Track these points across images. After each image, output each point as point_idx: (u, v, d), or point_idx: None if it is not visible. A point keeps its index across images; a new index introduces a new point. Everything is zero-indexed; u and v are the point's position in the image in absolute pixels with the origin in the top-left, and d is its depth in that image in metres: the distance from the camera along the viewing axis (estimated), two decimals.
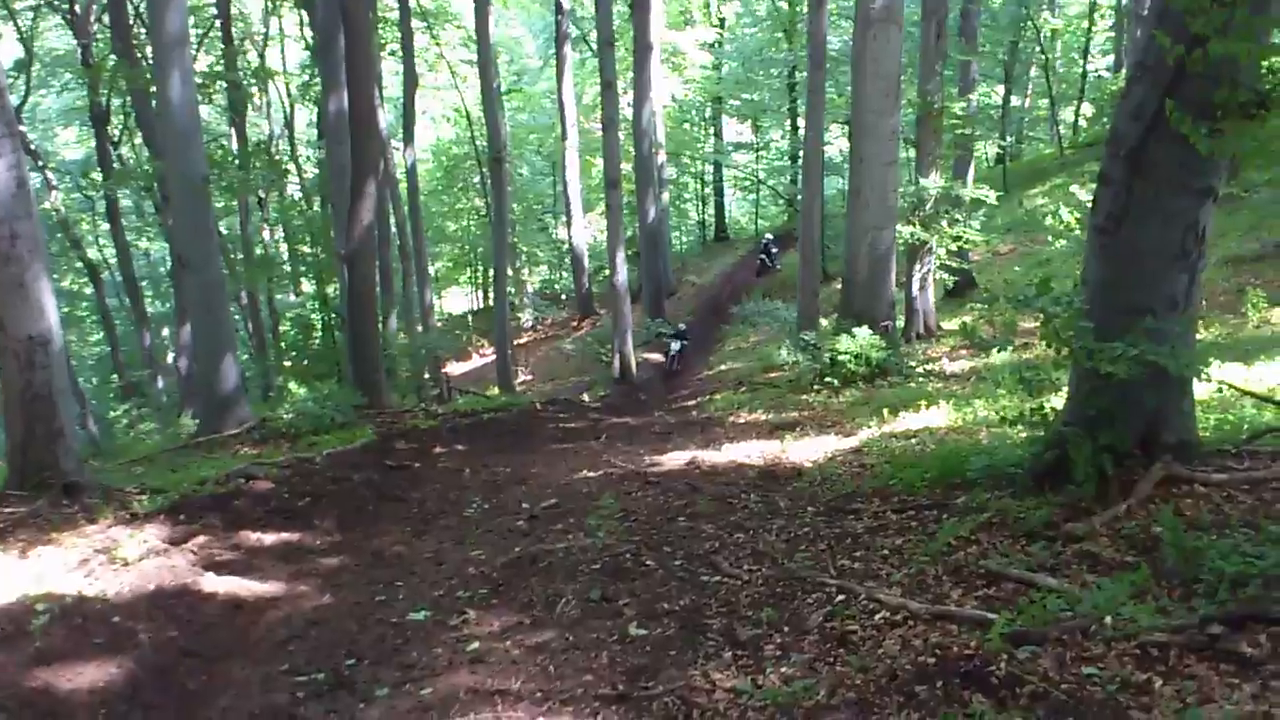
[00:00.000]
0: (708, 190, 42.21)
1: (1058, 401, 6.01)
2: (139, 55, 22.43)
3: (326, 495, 9.00)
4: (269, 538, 7.73)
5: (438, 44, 31.92)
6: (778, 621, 4.73)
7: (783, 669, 4.23)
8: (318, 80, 23.37)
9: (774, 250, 30.94)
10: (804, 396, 13.29)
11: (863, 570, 5.25)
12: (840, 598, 4.87)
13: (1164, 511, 4.84)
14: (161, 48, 14.35)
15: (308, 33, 28.08)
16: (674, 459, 9.51)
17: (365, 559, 7.19)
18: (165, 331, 34.55)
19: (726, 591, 5.25)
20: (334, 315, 25.14)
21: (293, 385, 16.82)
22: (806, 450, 8.90)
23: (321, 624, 5.68)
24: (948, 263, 19.18)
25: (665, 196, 31.52)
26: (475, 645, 4.97)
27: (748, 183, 40.30)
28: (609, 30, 21.15)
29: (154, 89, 16.31)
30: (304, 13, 27.21)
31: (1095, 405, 5.39)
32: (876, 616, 4.59)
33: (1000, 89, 31.97)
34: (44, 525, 8.20)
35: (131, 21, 23.28)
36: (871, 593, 4.83)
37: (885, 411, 10.05)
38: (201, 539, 7.58)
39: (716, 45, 37.06)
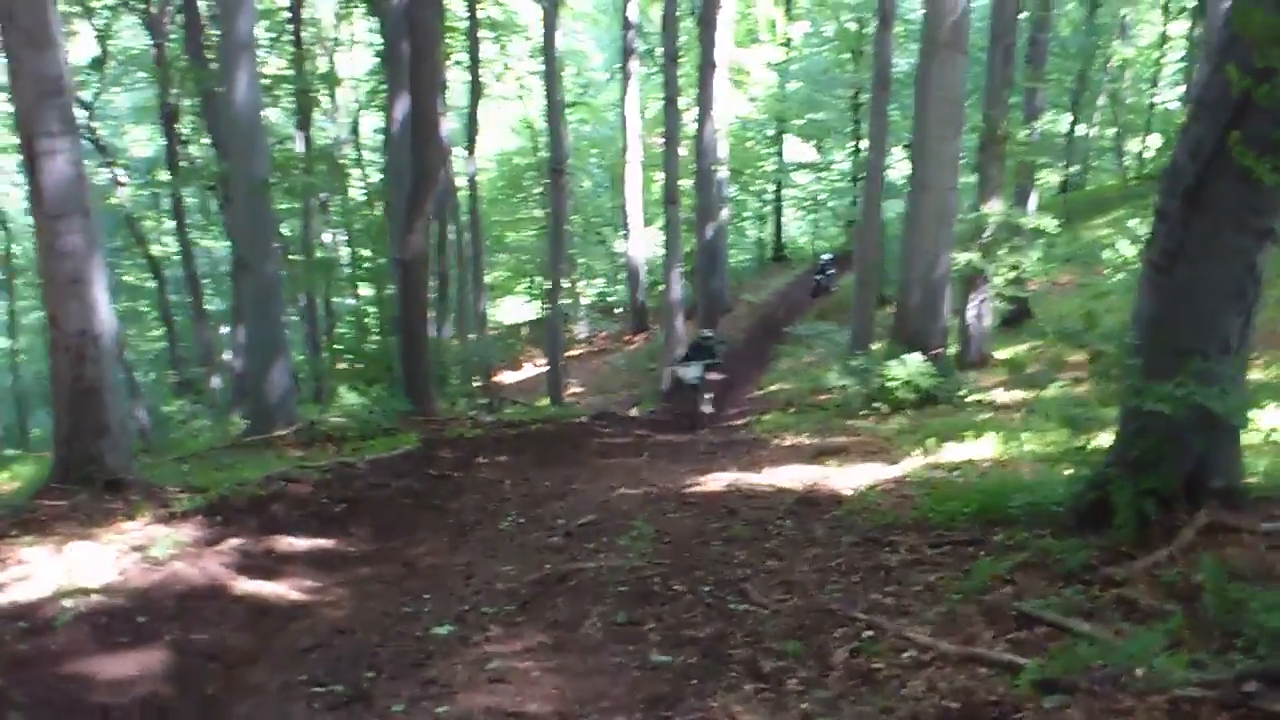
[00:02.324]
0: (767, 209, 42.05)
1: (1105, 440, 5.85)
2: (209, 57, 22.73)
3: (364, 502, 9.01)
4: (302, 543, 7.74)
5: (505, 54, 32.13)
6: (803, 655, 4.62)
7: (803, 705, 4.12)
8: (385, 86, 23.58)
9: (831, 271, 30.72)
10: (851, 421, 13.13)
11: (894, 606, 5.12)
12: (868, 633, 4.75)
13: (1206, 560, 4.68)
14: (229, 50, 14.55)
15: (377, 39, 28.38)
16: (714, 480, 9.40)
17: (396, 569, 7.17)
18: (224, 329, 34.97)
19: (754, 621, 5.14)
20: (388, 320, 25.32)
21: (342, 389, 16.91)
22: (848, 477, 8.75)
23: (345, 633, 5.66)
24: (1004, 291, 18.92)
25: (725, 214, 31.42)
26: (496, 664, 4.91)
27: (807, 203, 40.12)
28: (674, 46, 21.19)
29: (221, 90, 16.51)
30: (375, 20, 27.51)
31: (1140, 447, 5.23)
32: (904, 655, 4.46)
33: (1068, 117, 31.59)
34: (84, 520, 8.28)
35: (204, 23, 23.62)
36: (901, 630, 4.71)
37: (931, 441, 9.89)
38: (236, 541, 7.59)
39: (783, 65, 36.92)
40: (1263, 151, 4.65)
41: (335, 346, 31.05)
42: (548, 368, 24.54)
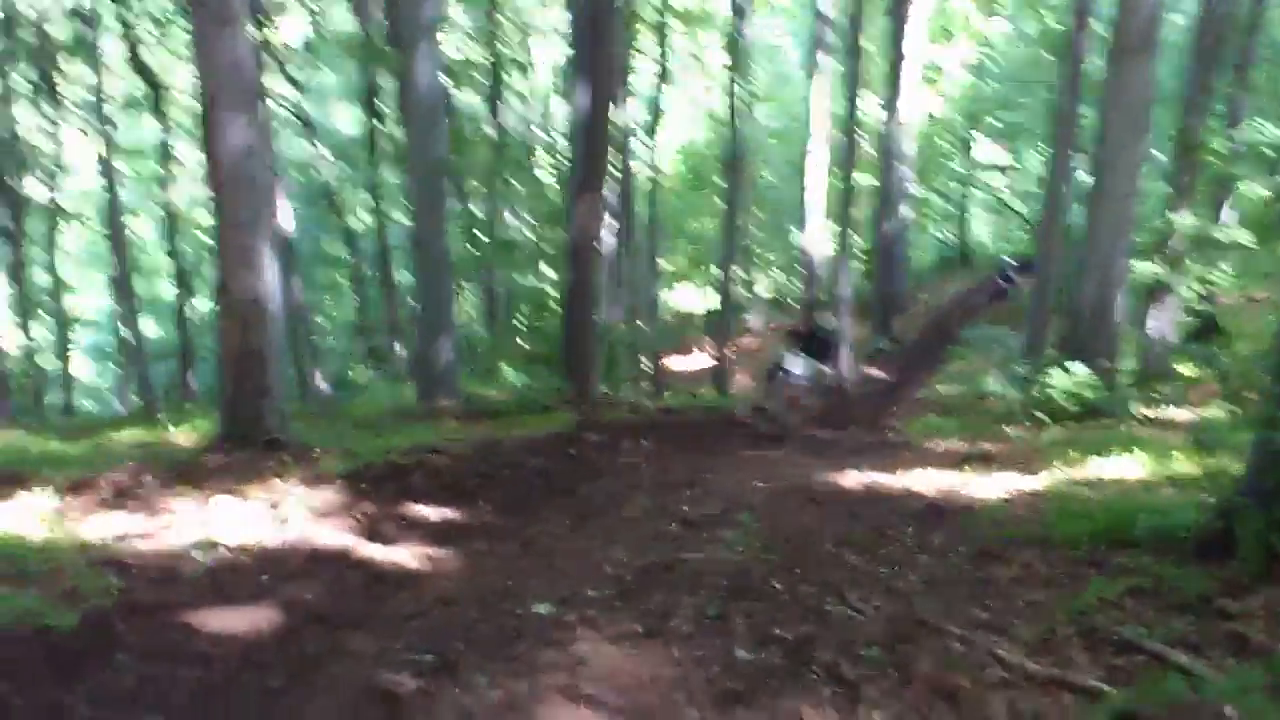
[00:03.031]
0: (953, 209, 41.09)
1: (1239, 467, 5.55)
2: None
3: (498, 478, 9.19)
4: (432, 513, 7.95)
5: (696, 44, 32.21)
6: (886, 664, 4.51)
7: (875, 714, 4.03)
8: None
9: (1014, 276, 29.87)
10: (1008, 429, 12.72)
11: (992, 622, 4.94)
12: (959, 648, 4.61)
13: None
14: (412, 33, 15.03)
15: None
16: (849, 479, 9.24)
17: (513, 546, 7.28)
18: (411, 302, 36.14)
19: (846, 626, 5.04)
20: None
21: (504, 366, 17.30)
22: (985, 487, 8.49)
23: (448, 605, 5.78)
24: (1190, 305, 18.09)
25: (906, 212, 30.85)
26: (583, 646, 4.94)
27: (995, 205, 39.05)
28: (857, 41, 20.90)
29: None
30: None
31: (1273, 477, 4.93)
32: (989, 672, 4.31)
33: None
34: (237, 477, 8.70)
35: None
36: (993, 647, 4.54)
37: (1075, 454, 9.51)
38: (369, 506, 7.87)
39: (978, 64, 35.99)
40: None
41: (516, 323, 31.83)
42: (714, 358, 24.53)
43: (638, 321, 26.85)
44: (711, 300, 41.24)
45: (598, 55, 16.27)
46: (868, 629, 4.98)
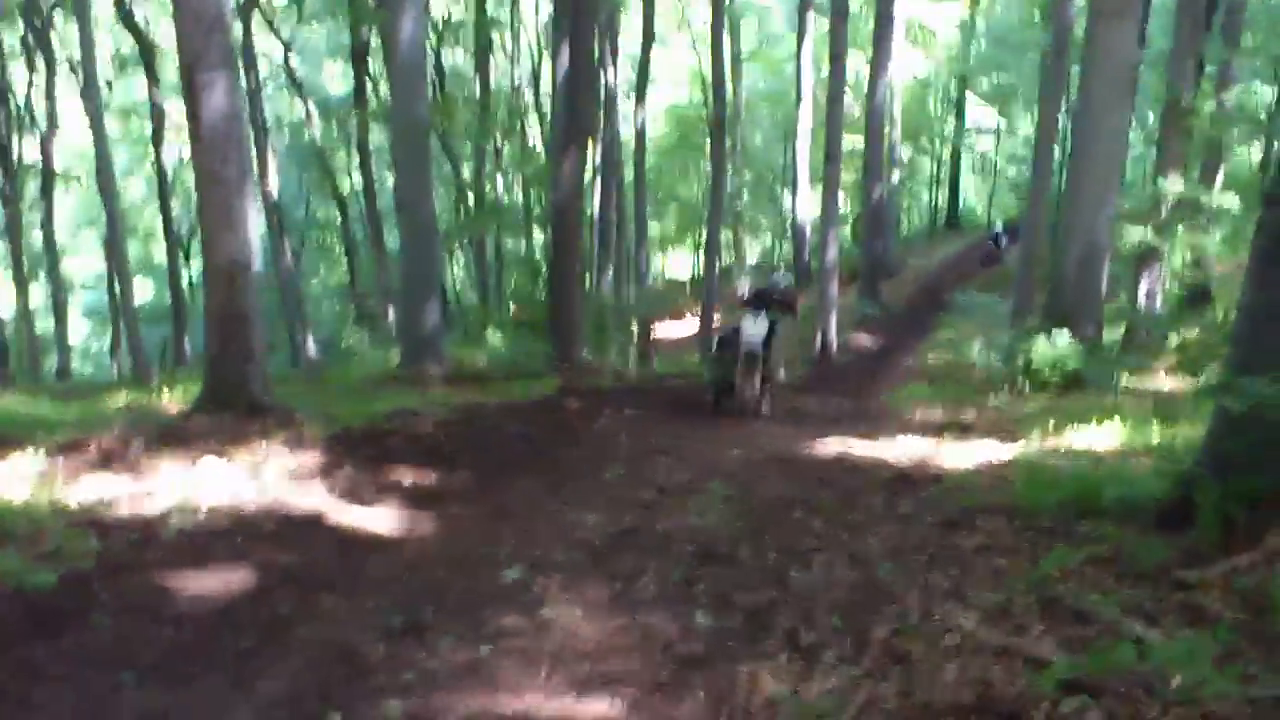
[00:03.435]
0: (943, 173, 41.06)
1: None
2: None
3: (478, 442, 9.26)
4: (409, 477, 8.02)
5: (682, 2, 32.09)
6: (844, 631, 4.59)
7: (830, 680, 4.10)
8: None
9: (1004, 241, 29.94)
10: (989, 398, 12.81)
11: (952, 589, 5.02)
12: (916, 615, 4.69)
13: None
14: None
15: None
16: (825, 447, 9.34)
17: (489, 510, 7.35)
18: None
19: (808, 593, 5.13)
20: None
21: (489, 331, 17.34)
22: (959, 455, 8.58)
23: (419, 569, 5.86)
24: (1181, 273, 18.13)
25: (896, 176, 30.87)
26: (548, 610, 5.04)
27: (986, 169, 39.03)
28: (844, 1, 20.80)
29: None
30: None
31: (1232, 445, 5.00)
32: (944, 640, 4.39)
33: (1272, 90, 29.79)
34: (222, 440, 8.71)
35: None
36: (949, 615, 4.63)
37: (1052, 424, 9.59)
38: (348, 470, 7.93)
39: (967, 23, 35.82)
40: None
41: (507, 288, 31.83)
42: (700, 324, 24.56)
43: (628, 288, 26.82)
44: (701, 266, 41.26)
45: (578, 11, 16.22)
46: (829, 596, 5.07)
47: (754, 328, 12.35)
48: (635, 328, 25.81)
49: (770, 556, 5.71)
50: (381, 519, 6.93)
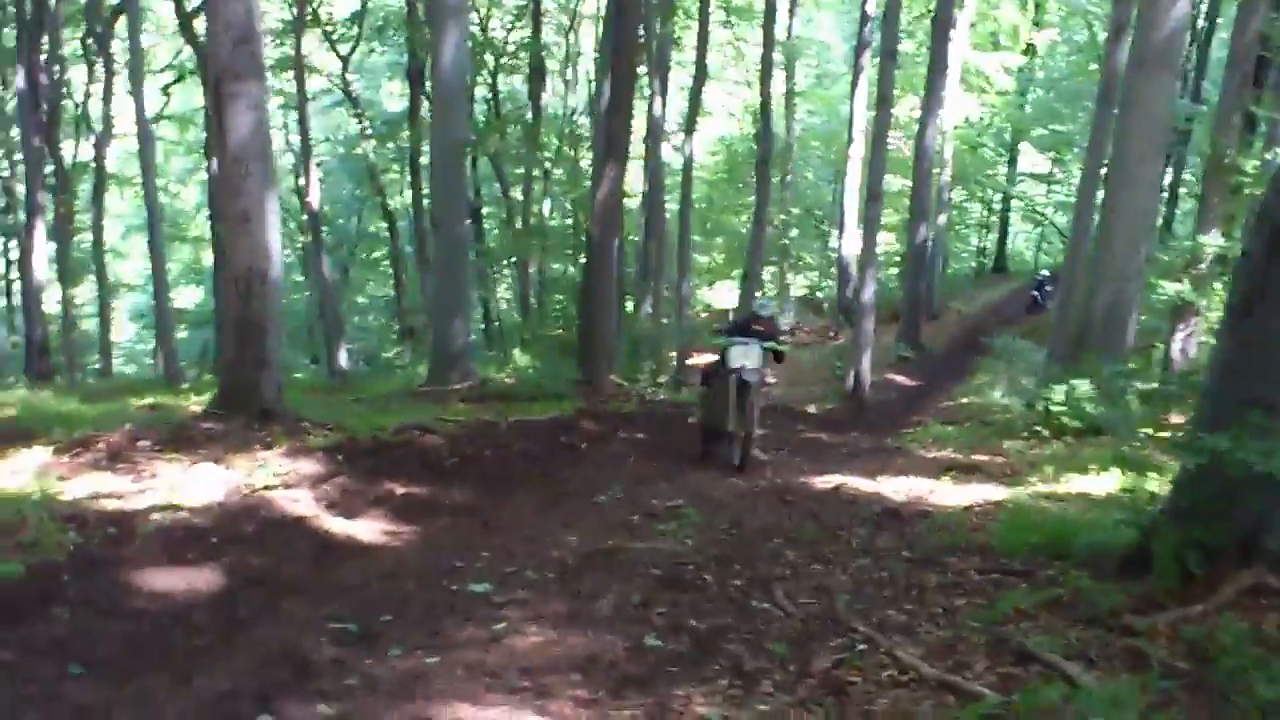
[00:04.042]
0: (993, 218, 40.85)
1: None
2: None
3: (481, 459, 9.34)
4: (401, 489, 8.11)
5: (737, 38, 32.23)
6: (788, 659, 4.59)
7: (762, 706, 4.11)
8: None
9: (1048, 289, 29.65)
10: (1007, 442, 12.68)
11: (905, 624, 5.01)
12: (862, 647, 4.69)
13: (1228, 619, 4.43)
14: (440, 14, 15.20)
15: None
16: (826, 481, 9.32)
17: (475, 525, 7.42)
18: None
19: (763, 621, 5.12)
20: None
21: (516, 351, 17.45)
22: (954, 495, 8.52)
23: (389, 578, 5.92)
24: (1216, 326, 17.87)
25: (943, 219, 30.75)
26: (504, 626, 5.06)
27: (1036, 215, 38.78)
28: (893, 43, 20.81)
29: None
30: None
31: (1194, 496, 4.96)
32: (885, 673, 4.38)
33: None
34: (227, 445, 8.86)
35: None
36: (893, 648, 4.61)
37: (1050, 469, 9.50)
38: (340, 480, 8.03)
39: (1023, 72, 35.70)
40: None
41: (554, 311, 31.93)
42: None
43: (666, 317, 26.81)
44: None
45: (622, 26, 16.38)
46: (782, 625, 5.07)
47: (744, 356, 10.58)
48: (674, 355, 25.80)
49: (734, 583, 5.72)
50: (365, 529, 7.01)
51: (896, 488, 8.99)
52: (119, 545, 5.92)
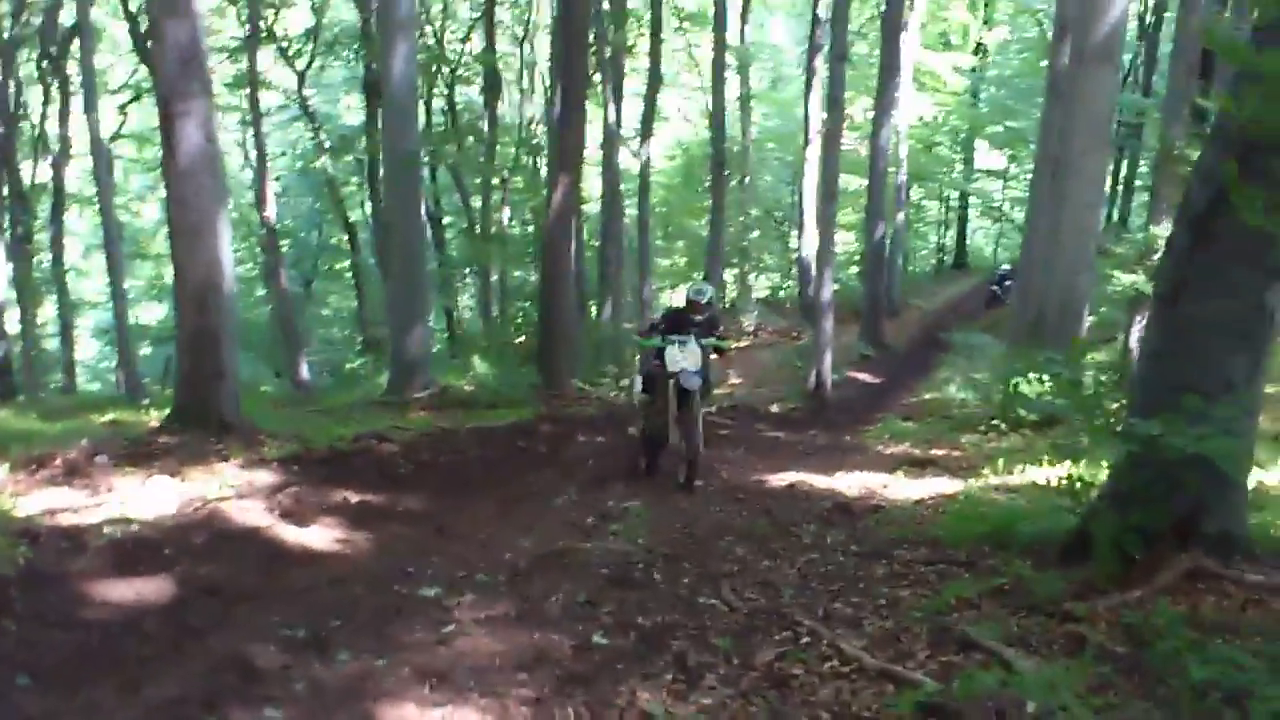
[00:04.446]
0: (951, 215, 41.15)
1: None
2: None
3: (437, 465, 9.37)
4: (355, 498, 8.12)
5: (690, 44, 32.36)
6: (731, 653, 4.65)
7: (704, 700, 4.17)
8: None
9: (1008, 283, 29.88)
10: (964, 436, 12.80)
11: (849, 616, 5.09)
12: (806, 639, 4.75)
13: (1163, 604, 4.52)
14: (389, 28, 15.25)
15: None
16: (781, 478, 9.41)
17: (428, 530, 7.44)
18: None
19: (710, 617, 5.19)
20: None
21: (475, 358, 17.46)
22: (906, 489, 8.63)
23: (340, 584, 5.94)
24: None
25: (900, 217, 30.99)
26: (452, 628, 5.10)
27: (993, 212, 39.10)
28: (844, 45, 20.98)
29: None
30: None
31: (1130, 482, 5.06)
32: (827, 664, 4.45)
33: None
34: (184, 458, 8.87)
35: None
36: (836, 640, 4.68)
37: (1002, 461, 9.59)
38: (296, 489, 8.03)
39: (975, 71, 36.01)
40: (1271, 186, 4.42)
41: (515, 318, 31.92)
42: None
43: (628, 322, 26.87)
44: None
45: (570, 33, 16.46)
46: (728, 620, 5.14)
47: (683, 358, 9.14)
48: (637, 358, 25.82)
49: (683, 581, 5.79)
50: (317, 537, 7.02)
51: (851, 483, 9.09)
52: (70, 558, 5.93)
